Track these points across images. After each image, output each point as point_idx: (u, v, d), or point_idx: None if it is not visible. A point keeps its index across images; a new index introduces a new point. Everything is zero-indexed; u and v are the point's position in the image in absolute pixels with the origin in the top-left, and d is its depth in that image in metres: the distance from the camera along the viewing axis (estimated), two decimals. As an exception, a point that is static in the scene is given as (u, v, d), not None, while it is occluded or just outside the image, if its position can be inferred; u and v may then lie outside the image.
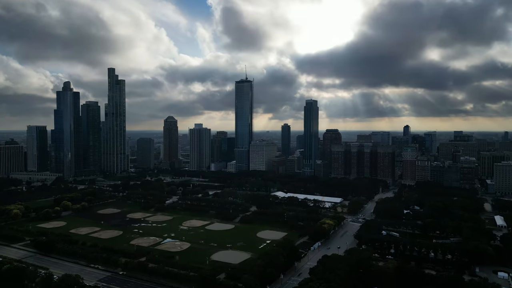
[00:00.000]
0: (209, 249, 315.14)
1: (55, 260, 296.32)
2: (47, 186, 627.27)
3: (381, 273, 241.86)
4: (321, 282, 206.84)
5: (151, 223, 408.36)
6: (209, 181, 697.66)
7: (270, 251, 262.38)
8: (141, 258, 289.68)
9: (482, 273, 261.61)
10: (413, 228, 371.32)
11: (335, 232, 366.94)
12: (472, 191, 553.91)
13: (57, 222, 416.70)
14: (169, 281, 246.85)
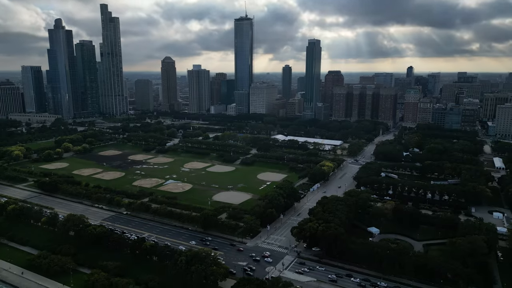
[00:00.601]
0: (210, 190, 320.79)
1: (60, 200, 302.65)
2: (46, 128, 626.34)
3: (379, 214, 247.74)
4: (320, 222, 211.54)
5: (153, 165, 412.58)
6: (209, 124, 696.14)
7: (270, 192, 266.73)
8: (144, 198, 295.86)
9: (478, 213, 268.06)
10: (411, 170, 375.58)
11: (334, 174, 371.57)
12: (472, 133, 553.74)
13: (60, 164, 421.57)
14: (172, 221, 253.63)
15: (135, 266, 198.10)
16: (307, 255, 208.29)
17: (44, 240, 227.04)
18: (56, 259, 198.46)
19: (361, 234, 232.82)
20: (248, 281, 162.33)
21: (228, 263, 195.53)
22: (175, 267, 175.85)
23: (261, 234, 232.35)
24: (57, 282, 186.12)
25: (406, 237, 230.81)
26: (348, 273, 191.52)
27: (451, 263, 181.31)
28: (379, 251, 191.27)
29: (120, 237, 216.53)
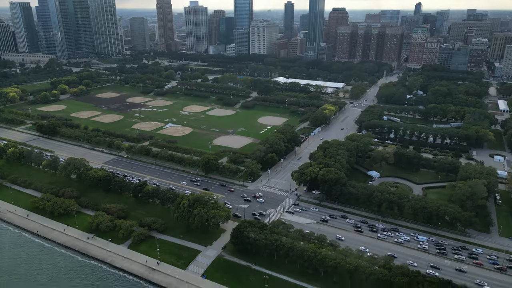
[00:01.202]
0: (210, 134, 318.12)
1: (59, 143, 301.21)
2: (41, 69, 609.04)
3: (380, 158, 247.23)
4: (321, 166, 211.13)
5: (152, 108, 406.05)
6: (208, 65, 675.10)
7: (271, 137, 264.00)
8: (144, 142, 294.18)
9: (479, 157, 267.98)
10: (414, 113, 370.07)
11: (336, 117, 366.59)
12: (478, 75, 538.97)
13: (57, 106, 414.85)
14: (173, 165, 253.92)
15: (137, 209, 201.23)
16: (307, 198, 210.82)
17: (46, 183, 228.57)
18: (60, 201, 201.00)
19: (361, 178, 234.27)
20: (249, 224, 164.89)
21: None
22: (177, 211, 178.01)
23: (261, 178, 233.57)
24: (62, 224, 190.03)
25: (406, 181, 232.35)
26: (343, 215, 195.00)
27: (450, 206, 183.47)
28: (379, 194, 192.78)
29: (122, 180, 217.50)
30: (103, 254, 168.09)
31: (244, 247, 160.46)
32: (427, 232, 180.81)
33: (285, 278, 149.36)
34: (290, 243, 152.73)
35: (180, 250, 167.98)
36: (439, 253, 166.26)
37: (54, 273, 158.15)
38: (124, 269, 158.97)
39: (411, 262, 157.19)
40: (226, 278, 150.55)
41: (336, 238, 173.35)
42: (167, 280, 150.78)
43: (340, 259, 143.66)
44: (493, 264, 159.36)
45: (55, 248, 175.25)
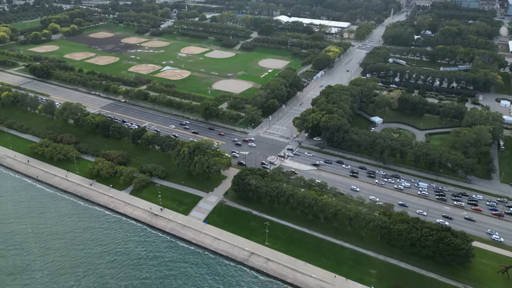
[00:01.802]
0: (209, 77, 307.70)
1: (54, 86, 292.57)
2: (30, 6, 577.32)
3: (384, 103, 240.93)
4: (323, 113, 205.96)
5: (148, 49, 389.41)
6: (206, 2, 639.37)
7: (272, 82, 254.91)
8: (141, 86, 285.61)
9: (485, 101, 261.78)
10: (421, 55, 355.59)
11: (339, 60, 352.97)
12: (490, 13, 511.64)
13: (49, 46, 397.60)
14: (172, 110, 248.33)
15: (137, 155, 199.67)
16: (308, 145, 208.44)
17: (44, 128, 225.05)
18: (59, 147, 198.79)
19: (364, 124, 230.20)
20: (250, 171, 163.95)
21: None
22: (178, 158, 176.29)
23: (262, 125, 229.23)
24: (62, 169, 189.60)
25: (409, 126, 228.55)
26: (339, 160, 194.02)
27: (453, 153, 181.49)
28: (381, 141, 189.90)
29: (121, 126, 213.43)
30: (106, 200, 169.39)
31: (245, 194, 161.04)
32: (428, 179, 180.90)
33: (286, 224, 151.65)
34: (291, 190, 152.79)
35: (182, 196, 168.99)
36: (439, 199, 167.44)
37: (58, 217, 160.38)
38: (127, 214, 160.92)
39: (420, 211, 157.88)
40: (227, 224, 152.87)
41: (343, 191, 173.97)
42: (170, 226, 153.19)
43: (341, 206, 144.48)
44: (492, 210, 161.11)
45: (58, 193, 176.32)
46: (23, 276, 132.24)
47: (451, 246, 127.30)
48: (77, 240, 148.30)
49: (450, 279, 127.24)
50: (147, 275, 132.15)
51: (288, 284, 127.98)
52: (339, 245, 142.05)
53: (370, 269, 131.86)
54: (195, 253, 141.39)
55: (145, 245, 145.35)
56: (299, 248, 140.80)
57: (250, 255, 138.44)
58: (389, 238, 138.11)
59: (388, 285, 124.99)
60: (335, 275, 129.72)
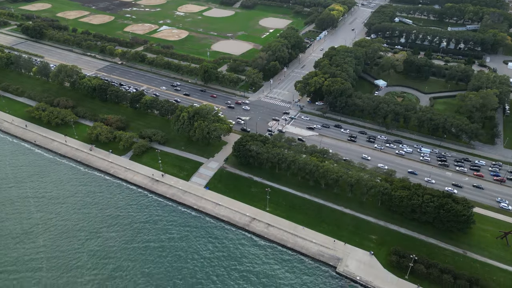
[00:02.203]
0: (208, 38, 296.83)
1: (48, 47, 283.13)
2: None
3: (389, 65, 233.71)
4: (326, 76, 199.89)
5: (144, 7, 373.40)
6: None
7: (274, 43, 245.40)
8: (138, 47, 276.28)
9: (492, 64, 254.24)
10: (429, 14, 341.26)
11: (343, 19, 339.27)
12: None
13: (41, 4, 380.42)
14: (170, 73, 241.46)
15: (136, 120, 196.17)
16: (310, 110, 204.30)
17: (40, 91, 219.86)
18: (56, 111, 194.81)
19: (367, 87, 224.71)
20: (251, 137, 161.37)
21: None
22: (177, 123, 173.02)
23: (263, 88, 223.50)
24: (61, 134, 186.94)
25: (414, 90, 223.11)
26: (337, 124, 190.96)
27: (457, 118, 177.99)
28: (385, 106, 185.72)
29: (118, 90, 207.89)
30: (106, 165, 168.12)
31: (246, 160, 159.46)
32: (431, 144, 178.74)
33: (287, 190, 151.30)
34: (292, 156, 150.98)
35: (182, 162, 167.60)
36: (441, 165, 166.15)
37: (58, 182, 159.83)
38: (127, 180, 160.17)
39: (428, 179, 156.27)
40: (228, 190, 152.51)
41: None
42: (171, 191, 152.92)
43: (342, 173, 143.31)
44: (494, 176, 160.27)
45: (57, 158, 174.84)
46: (25, 240, 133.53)
47: (452, 213, 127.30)
48: (78, 204, 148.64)
49: (450, 245, 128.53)
50: (150, 238, 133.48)
51: (288, 249, 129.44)
52: (339, 211, 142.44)
53: (370, 235, 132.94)
54: (196, 218, 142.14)
55: (146, 210, 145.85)
56: (300, 214, 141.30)
57: (251, 221, 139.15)
58: (390, 205, 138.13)
59: (388, 250, 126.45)
60: (334, 239, 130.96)
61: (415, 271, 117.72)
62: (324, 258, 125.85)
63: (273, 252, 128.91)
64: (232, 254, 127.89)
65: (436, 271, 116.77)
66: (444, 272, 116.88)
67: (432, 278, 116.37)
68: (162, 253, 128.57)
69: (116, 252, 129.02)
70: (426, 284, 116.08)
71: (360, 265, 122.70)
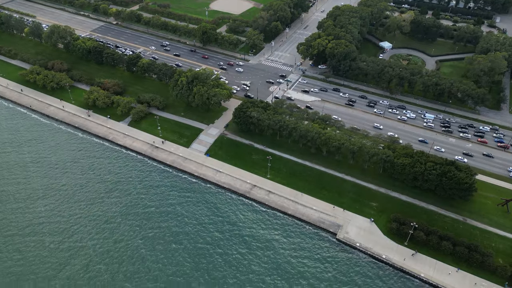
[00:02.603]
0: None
1: (40, 6, 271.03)
2: None
3: (395, 26, 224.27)
4: (330, 38, 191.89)
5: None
6: None
7: (275, 1, 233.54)
8: (133, 6, 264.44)
9: (502, 24, 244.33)
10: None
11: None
12: None
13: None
14: (167, 34, 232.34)
15: (133, 84, 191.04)
16: (313, 74, 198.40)
17: (33, 54, 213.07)
18: (51, 75, 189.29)
19: (372, 50, 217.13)
20: (252, 103, 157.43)
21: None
22: (176, 88, 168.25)
23: (264, 51, 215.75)
24: (57, 99, 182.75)
25: (420, 53, 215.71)
26: (335, 88, 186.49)
27: (464, 83, 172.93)
28: (390, 70, 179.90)
29: (114, 52, 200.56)
30: (104, 131, 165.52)
31: (246, 127, 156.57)
32: (435, 110, 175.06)
33: (288, 157, 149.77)
34: (294, 123, 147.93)
35: (182, 128, 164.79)
36: (445, 131, 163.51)
37: (56, 147, 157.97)
38: (126, 146, 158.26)
39: (438, 148, 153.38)
40: (229, 157, 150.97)
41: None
42: (171, 158, 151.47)
43: (345, 140, 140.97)
44: (498, 142, 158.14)
45: (54, 124, 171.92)
46: (27, 206, 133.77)
47: (454, 180, 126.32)
48: (77, 170, 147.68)
49: (450, 212, 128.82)
50: (151, 204, 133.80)
51: (289, 216, 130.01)
52: (340, 178, 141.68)
53: (371, 202, 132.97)
54: (197, 185, 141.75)
55: (146, 176, 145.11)
56: (301, 181, 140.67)
57: (252, 188, 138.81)
58: (392, 172, 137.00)
59: (388, 218, 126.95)
60: (334, 206, 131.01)
61: (414, 238, 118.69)
62: (324, 225, 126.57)
63: (274, 219, 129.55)
64: (232, 220, 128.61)
65: (436, 238, 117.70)
66: (444, 239, 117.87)
67: (431, 244, 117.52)
68: (163, 218, 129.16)
69: (116, 218, 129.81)
70: (425, 251, 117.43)
71: (360, 232, 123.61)
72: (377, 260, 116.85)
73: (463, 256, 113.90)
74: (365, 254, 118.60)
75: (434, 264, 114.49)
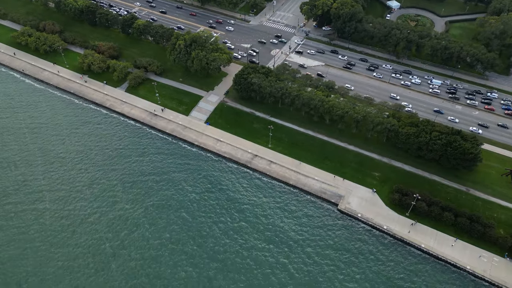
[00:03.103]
0: None
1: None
2: None
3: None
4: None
5: None
6: None
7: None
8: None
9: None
10: None
11: None
12: None
13: None
14: None
15: (129, 47, 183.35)
16: (316, 36, 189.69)
17: (23, 14, 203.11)
18: (43, 37, 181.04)
19: (379, 9, 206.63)
20: (253, 69, 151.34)
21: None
22: (173, 52, 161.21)
23: (265, 11, 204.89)
24: (50, 62, 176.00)
25: (429, 13, 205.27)
26: (333, 50, 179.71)
27: (474, 46, 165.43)
28: (397, 33, 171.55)
29: (108, 12, 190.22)
30: (101, 98, 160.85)
31: (247, 94, 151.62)
32: (442, 75, 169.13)
33: (290, 126, 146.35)
34: (297, 90, 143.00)
35: (181, 95, 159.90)
36: (451, 98, 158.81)
37: (53, 115, 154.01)
38: (124, 113, 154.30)
39: (452, 118, 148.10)
40: (229, 125, 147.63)
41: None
42: (170, 127, 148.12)
43: (349, 108, 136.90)
44: (505, 109, 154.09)
45: (49, 89, 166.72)
46: (26, 172, 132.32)
47: (459, 151, 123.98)
48: (75, 137, 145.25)
49: (454, 182, 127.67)
50: (151, 171, 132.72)
51: (290, 186, 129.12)
52: (343, 147, 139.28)
53: (374, 172, 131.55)
54: (197, 154, 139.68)
55: (145, 145, 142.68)
56: (303, 151, 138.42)
57: (253, 158, 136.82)
58: (396, 141, 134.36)
59: (390, 188, 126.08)
60: (334, 175, 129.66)
61: (416, 209, 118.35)
62: (326, 195, 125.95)
63: (275, 189, 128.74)
64: (232, 190, 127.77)
65: (438, 209, 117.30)
66: (446, 210, 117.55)
67: (433, 215, 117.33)
68: (163, 187, 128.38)
69: (116, 186, 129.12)
70: (426, 221, 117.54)
71: (361, 203, 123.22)
72: (378, 230, 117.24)
73: (465, 227, 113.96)
74: (366, 224, 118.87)
75: (435, 234, 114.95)
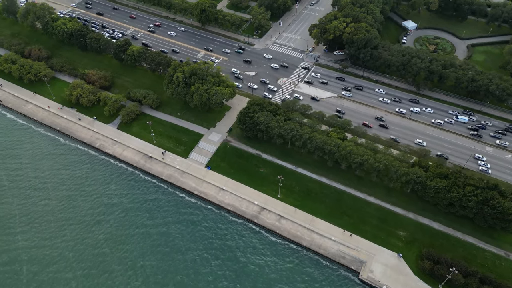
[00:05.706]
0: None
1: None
2: None
3: (421, 2, 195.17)
4: (348, 20, 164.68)
5: None
6: None
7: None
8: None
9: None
10: None
11: None
12: None
13: None
14: (161, 10, 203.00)
15: (122, 75, 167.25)
16: (327, 62, 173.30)
17: (8, 36, 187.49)
18: (28, 64, 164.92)
19: (394, 31, 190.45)
20: (259, 106, 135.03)
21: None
22: (171, 85, 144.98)
23: (271, 32, 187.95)
24: (36, 94, 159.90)
25: (448, 34, 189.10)
26: (339, 76, 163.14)
27: (505, 79, 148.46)
28: (418, 62, 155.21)
29: (100, 37, 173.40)
30: (90, 137, 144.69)
31: (253, 134, 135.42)
32: (462, 107, 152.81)
33: (301, 172, 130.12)
34: (309, 132, 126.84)
35: (179, 133, 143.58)
36: (473, 135, 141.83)
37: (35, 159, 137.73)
38: (116, 156, 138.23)
39: (483, 163, 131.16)
40: (233, 170, 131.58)
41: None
42: (167, 172, 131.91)
43: (368, 156, 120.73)
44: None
45: (32, 126, 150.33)
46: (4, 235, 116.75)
47: (498, 210, 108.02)
48: (59, 185, 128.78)
49: (491, 245, 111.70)
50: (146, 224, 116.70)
51: (303, 248, 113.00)
52: (362, 199, 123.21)
53: (398, 231, 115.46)
54: (196, 206, 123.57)
55: (139, 194, 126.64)
56: (316, 202, 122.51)
57: (260, 211, 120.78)
58: (423, 195, 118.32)
59: (419, 251, 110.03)
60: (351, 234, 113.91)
61: (450, 280, 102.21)
62: (345, 260, 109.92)
63: (286, 251, 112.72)
64: (236, 249, 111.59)
65: (476, 282, 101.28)
66: (484, 283, 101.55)
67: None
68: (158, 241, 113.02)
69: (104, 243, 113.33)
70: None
71: (386, 271, 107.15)
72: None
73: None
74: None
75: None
